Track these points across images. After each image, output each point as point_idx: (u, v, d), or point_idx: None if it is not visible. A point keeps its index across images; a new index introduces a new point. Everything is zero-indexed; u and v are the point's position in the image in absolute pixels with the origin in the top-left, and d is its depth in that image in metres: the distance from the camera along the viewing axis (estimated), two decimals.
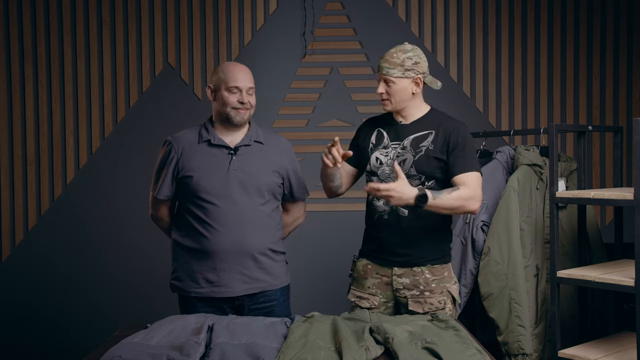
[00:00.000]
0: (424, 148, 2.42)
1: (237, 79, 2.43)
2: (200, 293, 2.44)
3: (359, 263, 2.56)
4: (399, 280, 2.45)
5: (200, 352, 1.87)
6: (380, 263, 2.49)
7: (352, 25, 4.19)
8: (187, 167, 2.44)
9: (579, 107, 4.22)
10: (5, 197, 4.12)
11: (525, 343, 3.03)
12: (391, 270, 2.46)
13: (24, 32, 4.11)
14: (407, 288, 2.44)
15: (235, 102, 2.42)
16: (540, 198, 3.19)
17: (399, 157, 2.43)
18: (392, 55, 2.43)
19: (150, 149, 3.96)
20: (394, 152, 2.46)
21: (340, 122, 4.17)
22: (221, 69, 2.47)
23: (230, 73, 2.44)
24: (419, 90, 2.45)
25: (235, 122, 2.45)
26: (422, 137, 2.44)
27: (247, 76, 2.46)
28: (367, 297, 2.50)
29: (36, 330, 4.13)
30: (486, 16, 4.20)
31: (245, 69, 2.48)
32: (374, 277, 2.50)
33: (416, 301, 2.42)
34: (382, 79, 2.43)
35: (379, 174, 2.48)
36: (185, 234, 2.47)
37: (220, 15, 4.16)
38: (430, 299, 2.42)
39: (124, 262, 4.14)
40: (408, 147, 2.44)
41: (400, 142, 2.46)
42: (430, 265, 2.44)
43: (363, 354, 1.84)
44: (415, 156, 2.42)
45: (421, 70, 2.43)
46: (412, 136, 2.45)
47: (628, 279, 2.68)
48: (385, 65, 2.42)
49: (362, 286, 2.53)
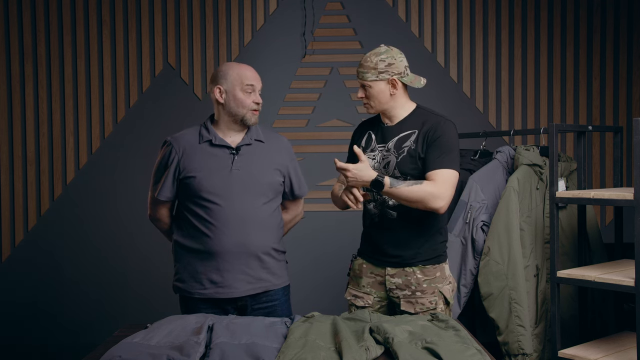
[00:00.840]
0: (406, 148, 2.41)
1: (251, 78, 2.45)
2: (204, 294, 2.43)
3: (356, 262, 2.58)
4: (391, 280, 2.45)
5: (200, 352, 1.87)
6: (374, 263, 2.50)
7: (352, 25, 4.19)
8: (189, 167, 2.43)
9: (579, 107, 4.22)
10: (5, 197, 4.12)
11: (525, 343, 3.03)
12: (384, 270, 2.47)
13: (24, 32, 4.11)
14: (399, 288, 2.44)
15: (251, 103, 2.43)
16: (540, 198, 3.19)
17: (384, 160, 2.43)
18: (366, 59, 2.43)
19: (150, 149, 3.96)
20: (380, 154, 2.46)
21: (340, 122, 4.17)
22: (231, 68, 2.46)
23: (243, 72, 2.44)
24: (396, 92, 2.42)
25: (250, 123, 2.46)
26: (405, 138, 2.43)
27: (258, 75, 2.49)
28: (362, 296, 2.51)
29: (36, 330, 4.13)
30: (486, 16, 4.20)
31: (253, 69, 2.50)
32: (369, 276, 2.51)
33: (408, 301, 2.42)
34: (360, 84, 2.46)
35: None
36: (188, 235, 2.46)
37: (220, 15, 4.16)
38: (421, 299, 2.41)
39: (124, 262, 4.14)
40: (392, 149, 2.43)
41: (385, 144, 2.46)
42: (422, 266, 2.43)
43: (363, 354, 1.84)
44: (398, 157, 2.41)
45: (396, 71, 2.41)
46: (396, 137, 2.44)
47: (628, 279, 2.68)
48: (360, 70, 2.44)
49: (357, 285, 2.54)
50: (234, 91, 2.43)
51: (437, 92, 4.09)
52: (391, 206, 2.43)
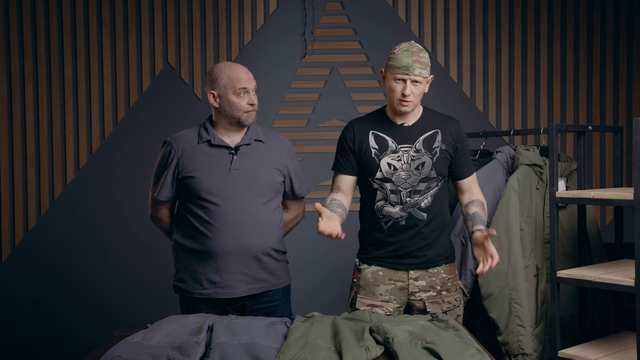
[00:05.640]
0: (437, 149, 2.41)
1: (242, 80, 2.41)
2: (204, 294, 2.43)
3: (367, 270, 2.46)
4: (415, 283, 2.42)
5: (200, 352, 1.87)
6: (395, 268, 2.44)
7: (352, 25, 4.19)
8: (188, 167, 2.43)
9: (579, 107, 4.22)
10: (5, 197, 4.12)
11: (525, 343, 3.03)
12: (407, 274, 2.43)
13: (24, 32, 4.11)
14: (423, 290, 2.42)
15: (246, 105, 2.41)
16: (540, 198, 3.19)
17: (415, 161, 2.39)
18: (419, 55, 2.32)
19: (150, 149, 3.95)
20: (407, 155, 2.40)
21: (340, 122, 4.16)
22: (222, 72, 2.42)
23: (234, 75, 2.40)
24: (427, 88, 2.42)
25: (247, 124, 2.44)
26: (431, 138, 2.42)
27: (250, 74, 2.44)
28: (381, 305, 2.42)
29: (36, 330, 4.13)
30: (486, 16, 4.20)
31: (245, 68, 2.46)
32: (387, 283, 2.43)
33: (434, 302, 2.41)
34: (410, 80, 2.31)
35: (394, 180, 2.39)
36: (187, 235, 2.46)
37: (220, 15, 4.16)
38: (447, 297, 2.44)
39: (123, 262, 4.14)
40: (423, 150, 2.40)
41: (411, 145, 2.40)
42: (445, 265, 2.46)
43: (363, 354, 1.84)
44: (433, 158, 2.40)
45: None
46: (421, 137, 2.41)
47: (628, 279, 2.67)
48: (417, 65, 2.30)
49: (372, 294, 2.44)
50: (227, 95, 2.40)
51: (437, 92, 4.08)
52: (423, 208, 2.40)
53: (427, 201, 2.40)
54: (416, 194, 2.39)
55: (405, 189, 2.39)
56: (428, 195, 2.40)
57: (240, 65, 2.48)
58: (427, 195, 2.40)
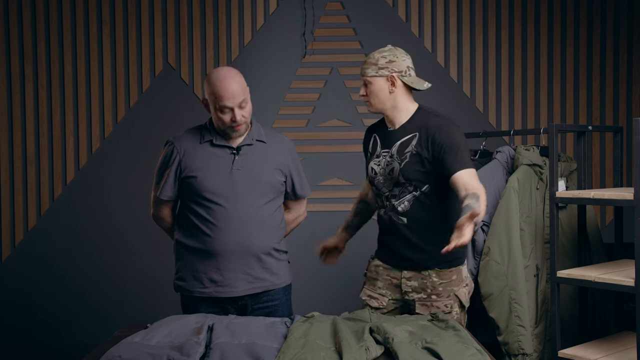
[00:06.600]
0: (408, 154, 2.38)
1: (225, 98, 2.32)
2: (204, 293, 2.43)
3: (373, 263, 2.57)
4: (407, 283, 2.43)
5: (200, 352, 1.87)
6: (391, 265, 2.49)
7: (352, 25, 4.19)
8: (190, 167, 2.43)
9: (579, 107, 4.22)
10: (5, 197, 4.12)
11: (525, 343, 3.03)
12: (401, 273, 2.45)
13: (24, 32, 4.11)
14: (415, 291, 2.42)
15: (229, 121, 2.37)
16: (540, 198, 3.19)
17: (388, 166, 2.42)
18: (370, 56, 2.45)
19: (150, 149, 3.96)
20: (384, 160, 2.44)
21: (340, 122, 4.17)
22: (209, 84, 2.36)
23: (218, 93, 2.33)
24: (395, 90, 2.39)
25: (232, 137, 2.44)
26: (406, 142, 2.40)
27: (237, 90, 2.33)
28: (377, 297, 2.50)
29: (36, 330, 4.13)
30: (486, 16, 4.20)
31: (233, 82, 2.33)
32: (384, 278, 2.50)
33: (423, 304, 2.40)
34: (363, 81, 2.45)
35: (376, 184, 2.48)
36: (189, 234, 2.47)
37: (220, 15, 4.16)
38: (437, 302, 2.39)
39: (124, 262, 4.14)
40: (395, 155, 2.41)
41: (389, 150, 2.44)
42: (439, 269, 2.41)
43: (363, 354, 1.84)
44: (401, 164, 2.39)
45: (397, 69, 2.39)
46: (398, 142, 2.42)
47: (628, 279, 2.68)
48: (363, 66, 2.45)
49: (373, 286, 2.53)
50: (213, 109, 2.40)
51: (437, 92, 4.08)
52: (401, 212, 2.41)
53: (404, 206, 2.40)
54: (393, 198, 2.43)
55: (384, 193, 2.46)
56: (404, 200, 2.40)
57: (229, 78, 2.34)
58: (404, 200, 2.40)
